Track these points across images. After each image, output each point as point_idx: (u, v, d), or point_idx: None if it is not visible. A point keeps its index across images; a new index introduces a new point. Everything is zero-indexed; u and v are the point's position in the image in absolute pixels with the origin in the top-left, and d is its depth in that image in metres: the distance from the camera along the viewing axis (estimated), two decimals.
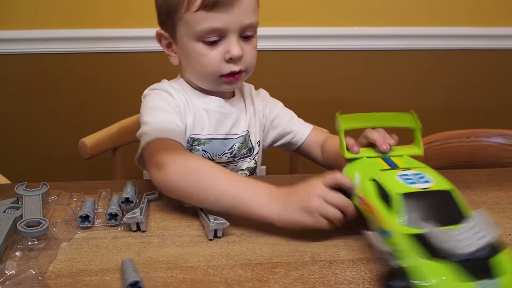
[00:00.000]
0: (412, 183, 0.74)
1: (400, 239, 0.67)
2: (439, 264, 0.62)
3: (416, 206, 0.71)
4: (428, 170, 0.79)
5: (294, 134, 1.24)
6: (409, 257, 0.64)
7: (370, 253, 0.80)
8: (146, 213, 0.90)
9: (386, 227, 0.72)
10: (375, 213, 0.75)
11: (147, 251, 0.80)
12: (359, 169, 0.84)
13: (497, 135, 1.51)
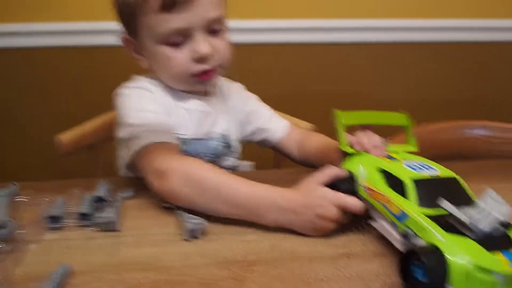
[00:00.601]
0: (420, 170, 0.79)
1: (421, 220, 0.71)
2: (464, 238, 0.66)
3: (427, 192, 0.75)
4: (430, 162, 0.84)
5: (269, 131, 1.22)
6: (433, 235, 0.68)
7: (350, 248, 0.79)
8: (120, 212, 0.88)
9: (403, 210, 0.74)
10: (388, 200, 0.78)
11: (120, 251, 0.78)
12: (363, 162, 0.87)
13: (481, 127, 1.51)
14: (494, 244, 0.65)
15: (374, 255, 0.78)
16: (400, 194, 0.77)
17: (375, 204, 0.82)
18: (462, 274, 0.63)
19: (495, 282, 0.63)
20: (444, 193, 0.74)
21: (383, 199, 0.80)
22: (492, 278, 0.62)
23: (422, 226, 0.71)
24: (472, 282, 0.63)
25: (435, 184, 0.77)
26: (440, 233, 0.68)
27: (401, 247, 0.75)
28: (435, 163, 0.84)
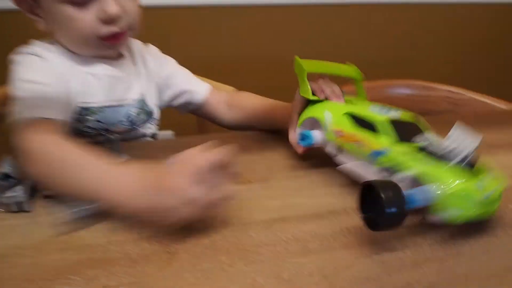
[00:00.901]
0: (386, 113, 0.80)
1: (399, 154, 0.74)
2: (449, 166, 0.69)
3: (399, 127, 0.77)
4: (388, 106, 0.86)
5: (191, 93, 1.17)
6: (415, 166, 0.71)
7: (284, 212, 0.76)
8: (31, 191, 0.80)
9: (382, 147, 0.76)
10: (363, 139, 0.79)
11: (35, 233, 0.71)
12: (328, 108, 0.87)
13: (404, 86, 1.53)
14: (473, 168, 0.70)
15: (310, 216, 0.76)
16: (373, 132, 0.78)
17: (346, 145, 0.82)
18: (450, 199, 0.67)
19: (477, 202, 0.68)
20: (413, 129, 0.78)
21: (356, 138, 0.80)
22: (475, 199, 0.68)
23: (403, 160, 0.73)
24: (458, 205, 0.68)
25: (401, 125, 0.79)
26: (423, 164, 0.70)
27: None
28: (394, 106, 0.86)
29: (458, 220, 0.69)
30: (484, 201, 0.69)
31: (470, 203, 0.68)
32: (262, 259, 0.67)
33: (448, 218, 0.69)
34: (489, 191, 0.69)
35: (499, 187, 0.72)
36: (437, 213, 0.69)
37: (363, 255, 0.68)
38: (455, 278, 0.65)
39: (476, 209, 0.69)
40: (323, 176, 0.87)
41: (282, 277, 0.63)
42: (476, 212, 0.69)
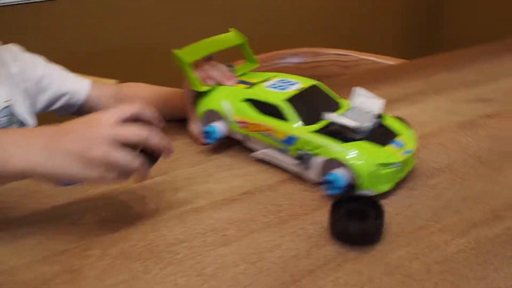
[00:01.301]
0: (285, 89, 0.78)
1: (314, 138, 0.72)
2: (358, 143, 0.70)
3: (303, 107, 0.75)
4: (284, 75, 0.84)
5: (71, 94, 1.06)
6: (330, 148, 0.70)
7: (195, 202, 0.71)
8: None
9: (290, 134, 0.74)
10: (268, 128, 0.76)
11: None
12: (224, 97, 0.82)
13: (292, 55, 1.52)
14: (382, 138, 0.71)
15: (223, 202, 0.71)
16: (279, 118, 0.75)
17: (254, 135, 0.79)
18: (369, 176, 0.68)
19: (396, 171, 0.70)
20: (316, 102, 0.78)
21: (262, 128, 0.77)
22: (393, 169, 0.70)
23: (316, 144, 0.71)
24: (377, 179, 0.68)
25: (305, 96, 0.78)
26: (337, 145, 0.70)
27: (297, 170, 0.75)
28: (291, 75, 0.84)
29: (383, 191, 0.70)
30: (401, 167, 0.71)
31: (388, 175, 0.69)
32: (180, 258, 0.61)
33: (378, 190, 0.69)
34: (402, 158, 0.70)
35: (412, 146, 0.73)
36: (361, 189, 0.68)
37: (287, 233, 0.65)
38: (384, 237, 0.63)
39: (395, 177, 0.71)
40: (228, 159, 0.82)
41: (206, 273, 0.58)
42: (396, 179, 0.71)
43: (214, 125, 0.82)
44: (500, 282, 0.55)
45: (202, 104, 0.84)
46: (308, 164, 0.72)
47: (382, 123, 0.75)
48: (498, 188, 0.72)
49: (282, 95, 0.77)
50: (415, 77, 1.16)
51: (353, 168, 0.68)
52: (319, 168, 0.71)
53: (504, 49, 1.32)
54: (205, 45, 0.85)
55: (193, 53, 0.83)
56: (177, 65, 0.82)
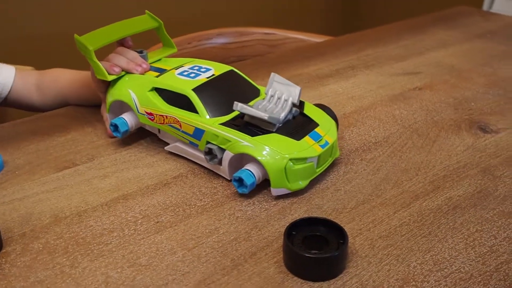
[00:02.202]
0: (196, 76, 0.73)
1: (221, 132, 0.66)
2: (270, 136, 0.64)
3: (213, 96, 0.70)
4: (199, 61, 0.78)
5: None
6: (239, 143, 0.64)
7: (123, 189, 0.66)
8: None
9: (196, 127, 0.68)
10: (176, 120, 0.70)
11: None
12: (132, 86, 0.75)
13: (218, 36, 1.48)
14: (299, 130, 0.66)
15: (155, 187, 0.67)
16: (188, 109, 0.69)
17: (163, 128, 0.73)
18: (280, 172, 0.62)
19: (311, 166, 0.64)
20: (229, 91, 0.72)
21: (170, 120, 0.71)
22: (308, 164, 0.64)
23: (224, 138, 0.65)
24: (292, 175, 0.63)
25: (216, 84, 0.72)
26: (245, 139, 0.64)
27: (207, 164, 0.70)
28: (207, 61, 0.78)
29: (298, 188, 0.65)
30: (318, 162, 0.65)
31: (303, 171, 0.64)
32: (111, 248, 0.57)
33: (290, 188, 0.64)
34: (318, 152, 0.64)
35: (331, 138, 0.67)
36: (277, 186, 0.63)
37: (225, 216, 0.61)
38: (326, 214, 0.61)
39: (311, 172, 0.65)
40: (157, 141, 0.78)
41: (140, 263, 0.54)
42: (313, 174, 0.66)
43: (122, 117, 0.75)
44: (446, 253, 0.55)
45: (110, 94, 0.77)
46: (218, 159, 0.66)
47: (302, 112, 0.70)
48: (435, 158, 0.72)
49: (191, 83, 0.70)
50: (343, 53, 1.15)
51: (262, 164, 0.62)
52: (229, 165, 0.66)
53: (427, 24, 1.34)
54: (114, 29, 0.78)
55: (99, 39, 0.75)
56: (81, 52, 0.75)
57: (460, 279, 0.51)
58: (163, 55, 0.82)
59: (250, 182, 0.62)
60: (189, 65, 0.76)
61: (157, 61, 0.80)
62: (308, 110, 0.70)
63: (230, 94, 0.70)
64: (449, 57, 1.11)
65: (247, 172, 0.63)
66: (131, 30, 0.79)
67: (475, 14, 1.44)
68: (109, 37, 0.76)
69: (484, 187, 0.66)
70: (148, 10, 0.82)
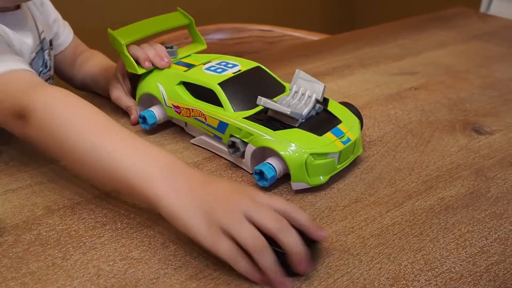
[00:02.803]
0: (223, 71, 0.74)
1: (244, 126, 0.67)
2: (292, 131, 0.65)
3: (238, 91, 0.71)
4: (227, 57, 0.79)
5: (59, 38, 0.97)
6: (261, 137, 0.65)
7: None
8: None
9: (221, 120, 0.69)
10: (201, 113, 0.72)
11: None
12: (160, 80, 0.77)
13: (215, 31, 1.48)
14: (321, 126, 0.67)
15: None
16: (214, 103, 0.71)
17: (189, 121, 0.75)
18: (301, 166, 0.63)
19: (332, 161, 0.65)
20: (254, 86, 0.73)
21: (196, 113, 0.72)
22: (329, 160, 0.64)
23: (247, 131, 0.66)
24: (312, 170, 0.63)
25: (242, 80, 0.73)
26: (267, 133, 0.65)
27: (230, 157, 0.71)
28: (234, 57, 0.79)
29: (318, 184, 0.65)
30: (339, 158, 0.66)
31: (324, 166, 0.64)
32: (103, 241, 0.57)
33: (310, 183, 0.64)
34: (340, 148, 0.65)
35: (354, 135, 0.68)
36: (297, 181, 0.64)
37: None
38: (319, 212, 0.61)
39: (332, 168, 0.66)
40: (157, 136, 0.78)
41: (132, 257, 0.54)
42: (334, 170, 0.66)
43: (150, 109, 0.78)
44: (437, 253, 0.55)
45: (140, 87, 0.80)
46: (241, 152, 0.67)
47: (326, 109, 0.71)
48: (429, 158, 0.72)
49: (218, 78, 0.72)
50: (340, 52, 1.15)
51: (283, 158, 0.63)
52: (251, 158, 0.67)
53: (425, 24, 1.34)
54: (146, 25, 0.81)
55: (131, 34, 0.78)
56: (114, 46, 0.78)
57: (450, 279, 0.52)
58: (193, 51, 0.84)
59: (270, 175, 0.63)
60: (216, 60, 0.78)
61: (187, 57, 0.82)
62: (332, 107, 0.71)
63: (255, 89, 0.72)
64: (446, 57, 1.12)
65: (268, 165, 0.64)
66: (163, 26, 0.82)
67: (472, 16, 1.44)
68: (141, 32, 0.79)
69: (477, 188, 0.66)
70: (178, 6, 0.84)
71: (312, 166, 0.63)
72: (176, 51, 0.81)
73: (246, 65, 0.76)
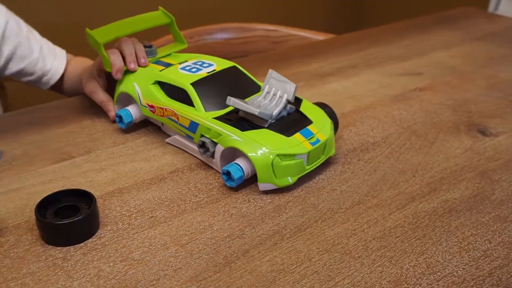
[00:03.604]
0: (197, 71, 0.74)
1: (212, 126, 0.67)
2: (260, 131, 0.64)
3: (211, 91, 0.71)
4: (204, 57, 0.79)
5: (46, 72, 0.98)
6: (229, 137, 0.64)
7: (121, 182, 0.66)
8: None
9: (192, 120, 0.69)
10: (174, 113, 0.71)
11: None
12: (136, 79, 0.77)
13: (220, 31, 1.47)
14: (290, 126, 0.66)
15: (151, 182, 0.67)
16: (186, 103, 0.70)
17: (162, 120, 0.74)
18: (267, 167, 0.62)
19: (300, 162, 0.64)
20: (228, 86, 0.72)
21: (169, 113, 0.72)
22: (297, 161, 0.64)
23: (216, 132, 0.66)
24: (279, 171, 0.63)
25: (216, 80, 0.73)
26: (235, 133, 0.64)
27: (201, 157, 0.71)
28: (211, 56, 0.79)
29: (285, 185, 0.64)
30: (308, 159, 0.65)
31: (291, 167, 0.63)
32: (104, 242, 0.56)
33: (277, 184, 0.63)
34: (308, 149, 0.64)
35: (324, 136, 0.67)
36: (264, 181, 0.63)
37: (220, 213, 0.61)
38: (321, 214, 0.61)
39: (300, 169, 0.65)
40: (155, 135, 0.78)
41: (133, 258, 0.54)
42: (302, 171, 0.65)
43: (127, 108, 0.77)
44: (439, 256, 0.54)
45: (117, 86, 0.79)
46: (211, 152, 0.67)
47: (298, 109, 0.70)
48: (433, 160, 0.72)
49: (191, 77, 0.72)
50: (346, 52, 1.15)
51: (250, 159, 0.62)
52: (220, 158, 0.66)
53: (430, 24, 1.33)
54: (125, 24, 0.79)
55: (109, 33, 0.77)
56: (91, 45, 0.77)
57: (452, 282, 0.51)
58: (173, 50, 0.83)
59: (237, 176, 0.62)
60: (193, 60, 0.77)
61: (167, 56, 0.81)
62: (305, 107, 0.70)
63: (229, 90, 0.71)
64: (451, 58, 1.11)
65: (235, 166, 0.63)
66: (142, 26, 0.80)
67: (479, 16, 1.43)
68: (120, 32, 0.78)
69: (481, 191, 0.66)
70: (159, 5, 0.83)
71: (279, 167, 0.63)
72: (155, 50, 0.81)
73: (222, 64, 0.76)
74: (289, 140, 0.64)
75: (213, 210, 0.62)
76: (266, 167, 0.62)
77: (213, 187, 0.66)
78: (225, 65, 0.75)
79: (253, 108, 0.64)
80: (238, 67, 0.76)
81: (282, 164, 0.62)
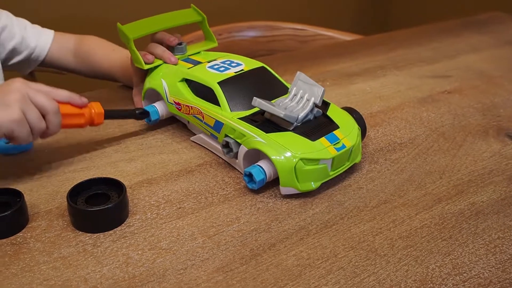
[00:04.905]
0: (225, 70, 0.73)
1: (237, 126, 0.65)
2: (285, 134, 0.63)
3: (237, 91, 0.70)
4: (233, 56, 0.78)
5: (32, 49, 0.98)
6: (253, 138, 0.63)
7: (150, 173, 0.67)
8: None
9: (217, 119, 0.68)
10: (200, 111, 0.71)
11: None
12: (164, 75, 0.77)
13: (249, 28, 1.48)
14: (316, 130, 0.65)
15: (179, 173, 0.67)
16: (213, 102, 0.70)
17: (188, 118, 0.74)
18: (289, 171, 0.61)
19: (324, 168, 0.63)
20: (255, 87, 0.72)
21: (195, 111, 0.71)
22: (321, 166, 0.62)
23: (240, 132, 0.65)
24: (302, 176, 0.62)
25: (243, 80, 0.72)
26: (259, 135, 0.63)
27: (225, 157, 0.70)
28: (240, 56, 0.78)
29: (307, 190, 0.63)
30: (333, 164, 0.63)
31: (314, 172, 0.62)
32: (133, 230, 0.57)
33: (299, 189, 0.62)
34: (332, 155, 0.62)
35: (350, 142, 0.65)
36: (286, 185, 0.62)
37: (246, 206, 0.62)
38: (347, 211, 0.61)
39: (323, 175, 0.63)
40: (184, 129, 0.78)
41: (161, 247, 0.55)
42: (326, 177, 0.64)
43: (154, 105, 0.77)
44: (465, 258, 0.54)
45: (146, 82, 0.79)
46: (234, 153, 0.66)
47: (325, 113, 0.68)
48: (460, 163, 0.71)
49: (219, 76, 0.71)
50: (374, 53, 1.14)
51: (273, 162, 0.61)
52: (243, 159, 0.65)
53: (459, 28, 1.32)
54: (157, 20, 0.80)
55: (140, 29, 0.77)
56: (122, 40, 0.77)
57: (478, 284, 0.51)
58: (203, 48, 0.83)
59: (259, 178, 0.62)
60: (221, 59, 0.77)
61: (196, 54, 0.81)
62: (332, 112, 0.69)
63: (256, 90, 0.70)
64: (480, 62, 1.10)
65: (258, 168, 0.62)
66: (173, 23, 0.80)
67: (509, 21, 1.41)
68: (150, 28, 0.79)
69: (509, 195, 0.65)
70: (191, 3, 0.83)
71: (302, 171, 0.61)
72: (185, 48, 0.80)
73: (250, 64, 0.75)
74: (313, 144, 0.63)
75: (240, 203, 0.62)
76: (289, 171, 0.61)
77: (240, 181, 0.66)
78: (254, 65, 0.75)
79: (278, 110, 0.63)
80: (267, 67, 0.75)
81: (305, 168, 0.61)
